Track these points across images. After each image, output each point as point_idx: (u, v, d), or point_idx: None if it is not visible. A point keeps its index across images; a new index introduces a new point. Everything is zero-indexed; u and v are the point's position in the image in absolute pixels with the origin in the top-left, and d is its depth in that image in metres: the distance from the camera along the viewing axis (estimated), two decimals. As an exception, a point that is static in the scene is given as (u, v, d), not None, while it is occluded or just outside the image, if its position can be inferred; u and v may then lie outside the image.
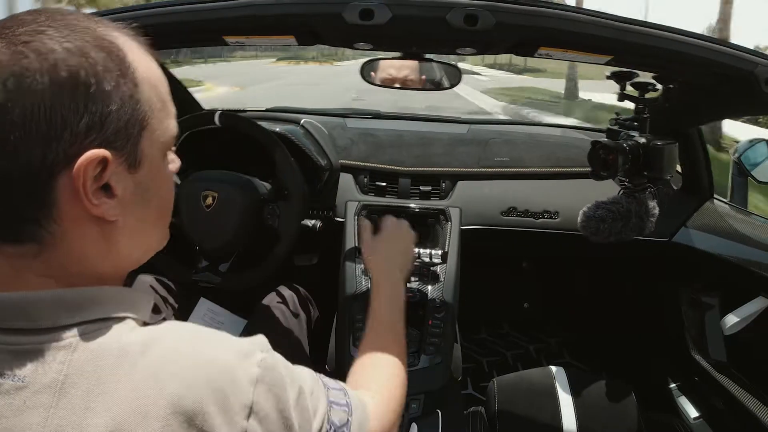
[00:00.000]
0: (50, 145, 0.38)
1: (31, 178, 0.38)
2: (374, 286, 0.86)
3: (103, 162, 0.40)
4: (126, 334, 0.41)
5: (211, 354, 0.42)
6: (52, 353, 0.38)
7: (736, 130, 7.81)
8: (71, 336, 0.39)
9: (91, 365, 0.38)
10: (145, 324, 0.44)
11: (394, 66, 1.28)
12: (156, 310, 1.13)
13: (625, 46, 0.76)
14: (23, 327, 0.38)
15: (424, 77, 1.31)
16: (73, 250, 0.41)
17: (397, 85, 1.30)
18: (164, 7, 0.79)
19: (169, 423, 0.37)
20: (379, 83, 1.20)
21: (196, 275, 1.07)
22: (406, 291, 0.88)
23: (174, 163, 0.51)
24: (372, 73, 1.17)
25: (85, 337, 0.39)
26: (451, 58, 1.16)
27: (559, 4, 0.73)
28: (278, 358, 0.46)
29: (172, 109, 0.47)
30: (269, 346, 0.47)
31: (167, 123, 0.46)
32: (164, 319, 0.47)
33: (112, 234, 0.43)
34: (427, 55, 1.02)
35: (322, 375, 0.54)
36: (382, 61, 1.17)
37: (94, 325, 0.40)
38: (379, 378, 0.67)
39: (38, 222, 0.39)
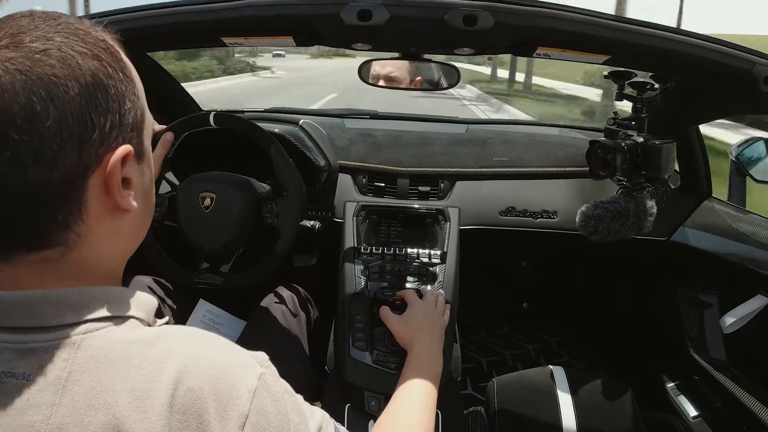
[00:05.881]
0: (84, 149, 0.39)
1: (68, 184, 0.39)
2: (409, 355, 0.86)
3: (125, 157, 0.41)
4: (131, 332, 0.41)
5: (215, 356, 0.42)
6: (56, 351, 0.38)
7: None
8: (76, 334, 0.39)
9: (95, 362, 0.38)
10: (149, 326, 0.44)
11: (384, 67, 1.30)
12: (159, 314, 1.12)
13: (623, 45, 0.76)
14: (28, 325, 0.38)
15: (420, 78, 1.32)
16: (94, 246, 0.42)
17: (382, 84, 1.32)
18: (162, 9, 0.79)
19: (169, 420, 0.37)
20: (372, 82, 1.22)
21: (198, 278, 1.06)
22: (442, 360, 0.87)
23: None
24: (368, 73, 1.19)
25: (90, 334, 0.39)
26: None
27: (558, 4, 0.73)
28: (279, 378, 0.47)
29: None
30: (270, 362, 0.47)
31: (149, 112, 0.48)
32: (167, 323, 0.47)
33: (122, 225, 0.45)
34: (426, 55, 1.02)
35: (339, 425, 0.53)
36: (374, 62, 1.18)
37: (100, 324, 0.40)
38: None
39: (68, 225, 0.40)
